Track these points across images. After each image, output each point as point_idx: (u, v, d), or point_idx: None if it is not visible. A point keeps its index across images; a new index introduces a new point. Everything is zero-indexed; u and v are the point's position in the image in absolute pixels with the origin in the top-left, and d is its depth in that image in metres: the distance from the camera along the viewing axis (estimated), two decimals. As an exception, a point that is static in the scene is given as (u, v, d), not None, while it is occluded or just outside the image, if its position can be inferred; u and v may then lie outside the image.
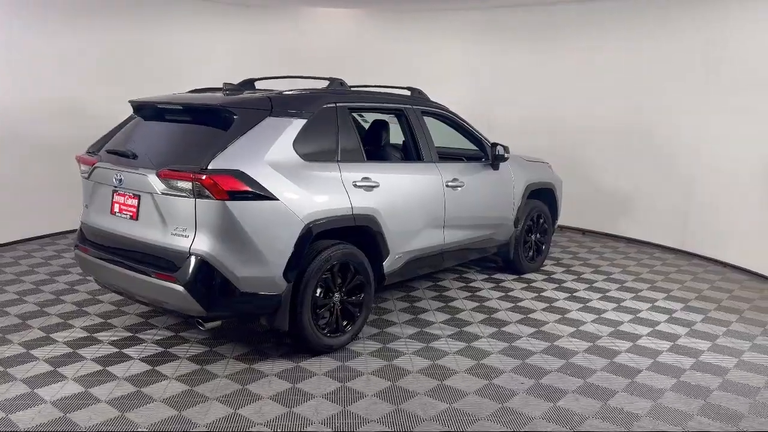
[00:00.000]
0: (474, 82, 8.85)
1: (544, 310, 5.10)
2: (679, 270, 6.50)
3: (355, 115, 5.83)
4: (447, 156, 6.02)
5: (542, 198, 6.30)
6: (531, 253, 6.18)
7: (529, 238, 6.14)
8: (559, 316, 4.95)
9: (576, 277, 6.11)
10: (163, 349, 4.08)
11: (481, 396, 3.59)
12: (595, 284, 5.87)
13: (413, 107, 4.98)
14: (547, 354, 4.20)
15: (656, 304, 5.34)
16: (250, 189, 3.56)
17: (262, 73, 5.30)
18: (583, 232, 8.26)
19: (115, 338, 4.24)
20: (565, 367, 3.99)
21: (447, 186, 4.94)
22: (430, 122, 5.46)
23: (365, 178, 4.24)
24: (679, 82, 7.05)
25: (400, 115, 4.92)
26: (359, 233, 4.26)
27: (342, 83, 4.55)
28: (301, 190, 3.80)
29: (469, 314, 4.94)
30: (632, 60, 7.48)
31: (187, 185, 3.50)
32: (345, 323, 4.17)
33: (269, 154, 3.73)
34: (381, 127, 5.17)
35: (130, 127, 4.26)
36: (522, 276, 6.07)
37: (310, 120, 4.03)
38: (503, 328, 4.66)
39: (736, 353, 4.30)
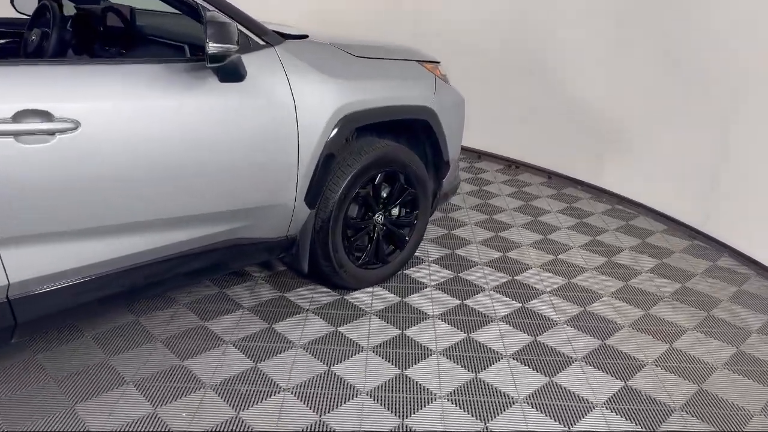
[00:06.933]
0: None
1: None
2: (681, 290, 3.25)
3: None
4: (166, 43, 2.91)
5: (406, 137, 3.10)
6: (371, 251, 3.05)
7: (366, 223, 3.00)
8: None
9: (451, 307, 3.00)
10: None
11: None
12: (476, 333, 2.75)
13: None
14: None
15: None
16: None
17: None
18: (553, 179, 4.97)
19: None
20: None
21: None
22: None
23: None
24: None
25: None
26: None
27: None
28: None
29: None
30: None
31: None
32: None
33: None
34: None
35: None
36: (345, 296, 3.04)
37: None
38: None
39: None
